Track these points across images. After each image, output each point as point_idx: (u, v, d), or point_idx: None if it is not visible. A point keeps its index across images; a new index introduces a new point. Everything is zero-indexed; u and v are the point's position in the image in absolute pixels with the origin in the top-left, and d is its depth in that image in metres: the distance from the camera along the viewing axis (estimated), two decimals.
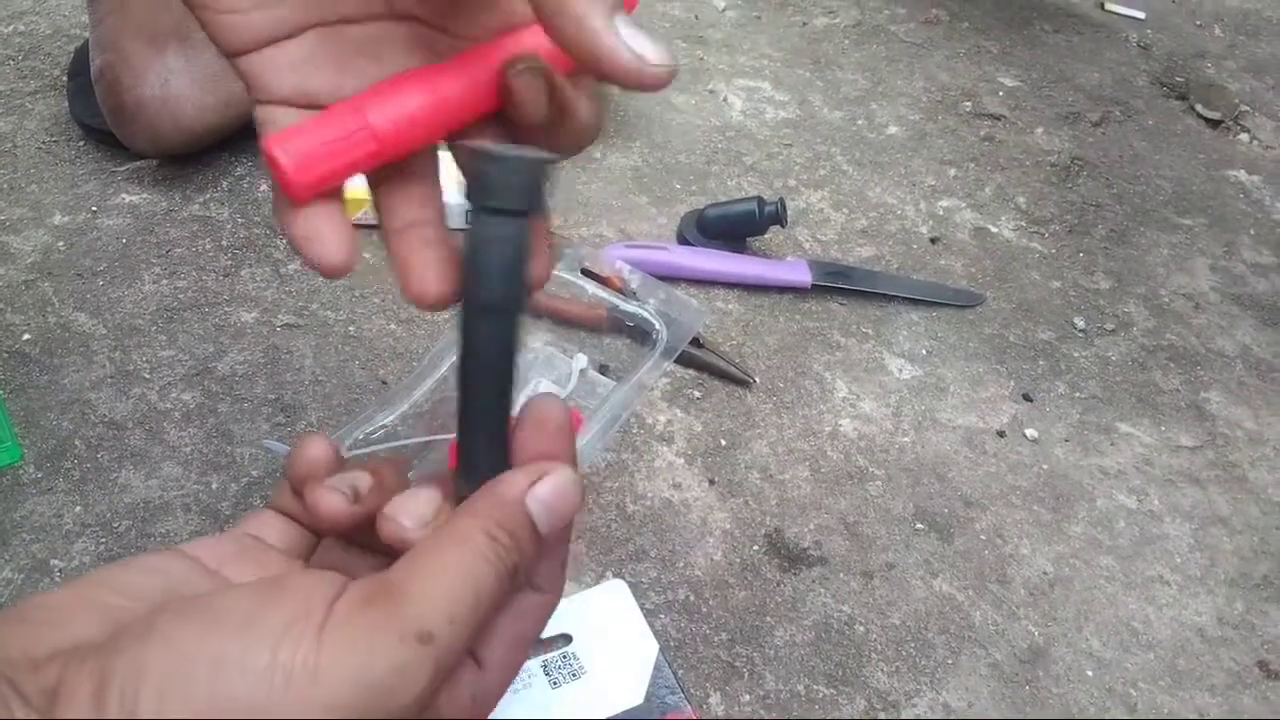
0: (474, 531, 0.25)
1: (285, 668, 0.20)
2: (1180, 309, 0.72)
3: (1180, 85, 0.96)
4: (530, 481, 0.26)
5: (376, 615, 0.22)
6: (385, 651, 0.21)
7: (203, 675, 0.20)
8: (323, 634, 0.21)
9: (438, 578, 0.23)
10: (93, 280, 0.62)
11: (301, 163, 0.28)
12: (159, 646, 0.21)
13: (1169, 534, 0.57)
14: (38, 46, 0.80)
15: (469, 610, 0.23)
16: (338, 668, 0.21)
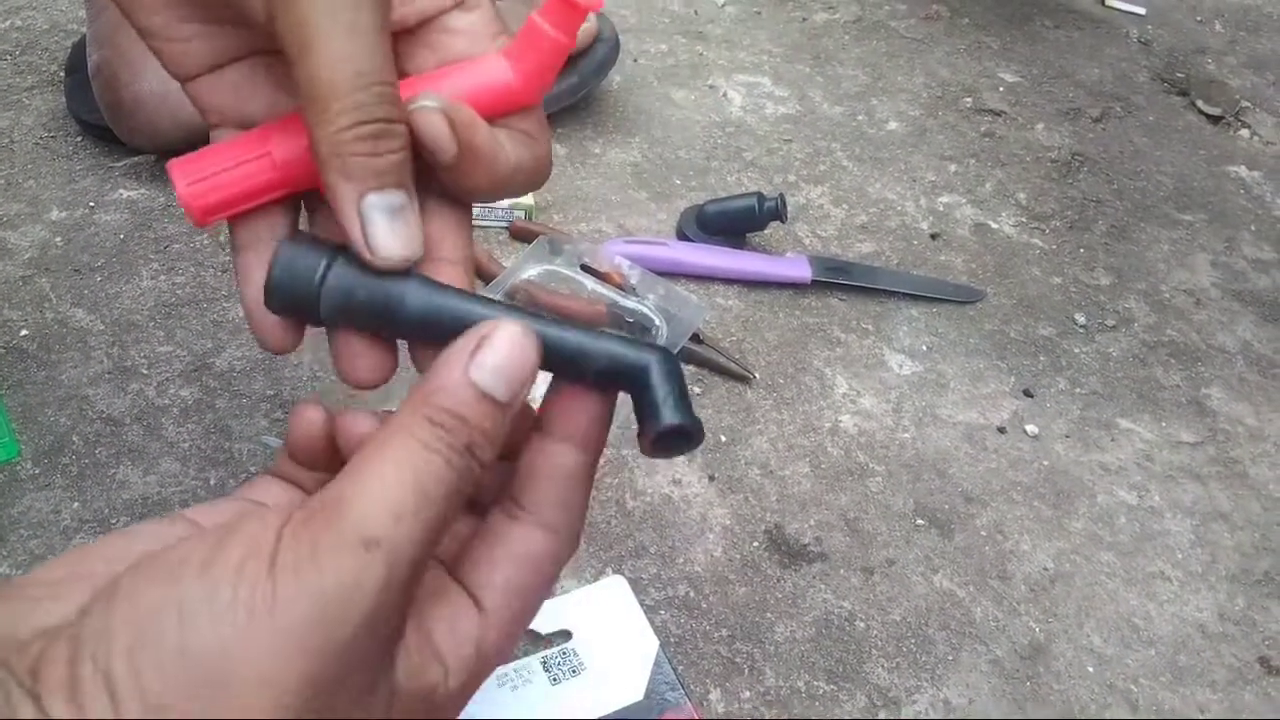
0: (412, 421, 0.23)
1: (245, 603, 0.20)
2: (1181, 305, 0.72)
3: (1181, 81, 0.96)
4: (469, 350, 0.24)
5: (318, 530, 0.21)
6: (332, 564, 0.21)
7: (169, 627, 0.20)
8: (274, 563, 0.21)
9: (377, 478, 0.22)
10: (90, 276, 0.62)
11: (198, 188, 0.29)
12: (123, 605, 0.21)
13: (1170, 530, 0.57)
14: (35, 42, 0.80)
15: (414, 506, 0.22)
16: (292, 592, 0.21)
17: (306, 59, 0.25)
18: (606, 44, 0.77)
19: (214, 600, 0.21)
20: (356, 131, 0.26)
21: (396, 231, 0.27)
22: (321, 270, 0.27)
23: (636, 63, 0.87)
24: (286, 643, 0.20)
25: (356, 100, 0.26)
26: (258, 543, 0.22)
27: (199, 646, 0.20)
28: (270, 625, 0.20)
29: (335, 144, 0.26)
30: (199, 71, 0.31)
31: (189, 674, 0.20)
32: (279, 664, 0.20)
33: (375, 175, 0.27)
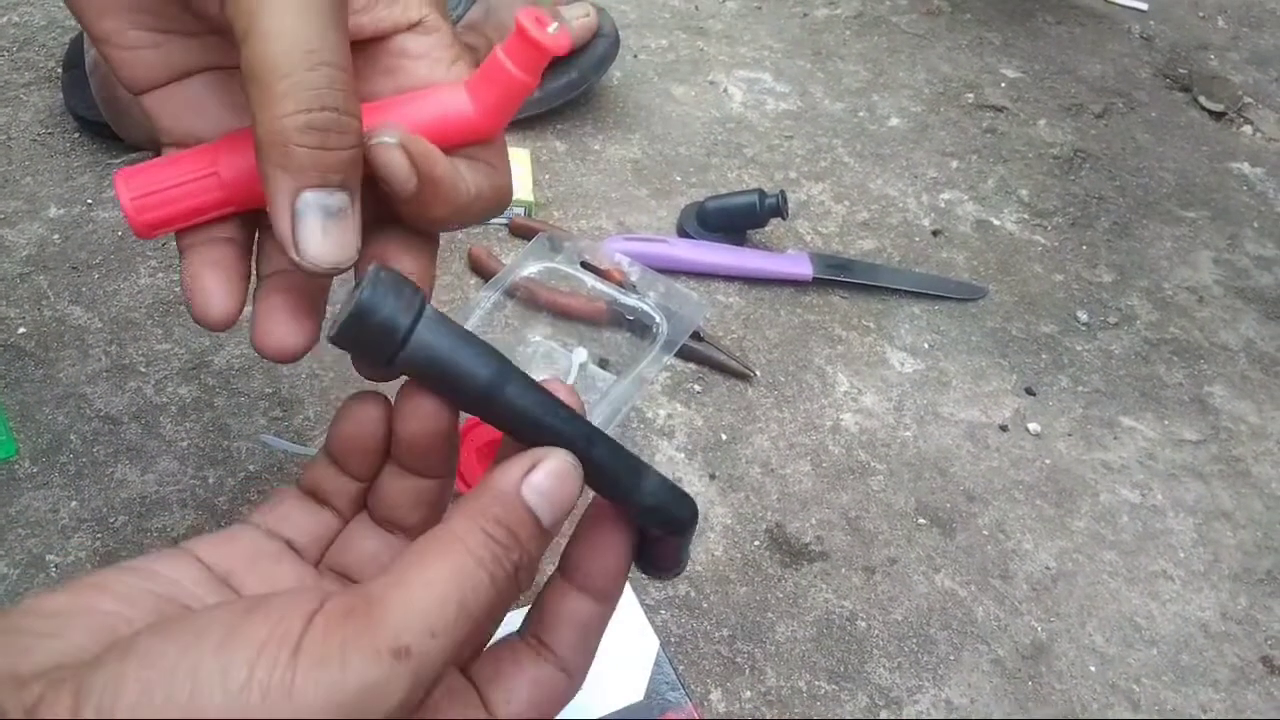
0: (468, 530, 0.23)
1: (261, 684, 0.20)
2: (1183, 302, 0.71)
3: (1183, 77, 0.95)
4: (524, 470, 0.24)
5: (351, 630, 0.21)
6: (359, 668, 0.21)
7: (180, 690, 0.20)
8: (298, 651, 0.21)
9: (420, 586, 0.22)
10: (88, 273, 0.62)
11: (143, 202, 0.28)
12: (137, 662, 0.21)
13: (1172, 529, 0.57)
14: (32, 38, 0.79)
15: (453, 621, 0.22)
16: (311, 685, 0.20)
17: (251, 39, 0.24)
18: (607, 39, 0.76)
19: (229, 675, 0.20)
20: (306, 119, 0.24)
21: (330, 235, 0.25)
22: (409, 323, 0.25)
23: (637, 58, 0.87)
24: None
25: (304, 80, 0.24)
26: (283, 625, 0.21)
27: (205, 715, 0.20)
28: (282, 711, 0.20)
29: (278, 130, 0.24)
30: (151, 85, 0.30)
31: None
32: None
33: (318, 170, 0.25)
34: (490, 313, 0.62)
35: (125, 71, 0.29)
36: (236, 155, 0.28)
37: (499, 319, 0.62)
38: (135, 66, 0.29)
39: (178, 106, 0.30)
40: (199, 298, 0.29)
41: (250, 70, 0.24)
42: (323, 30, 0.24)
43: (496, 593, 0.23)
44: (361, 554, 0.29)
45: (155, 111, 0.30)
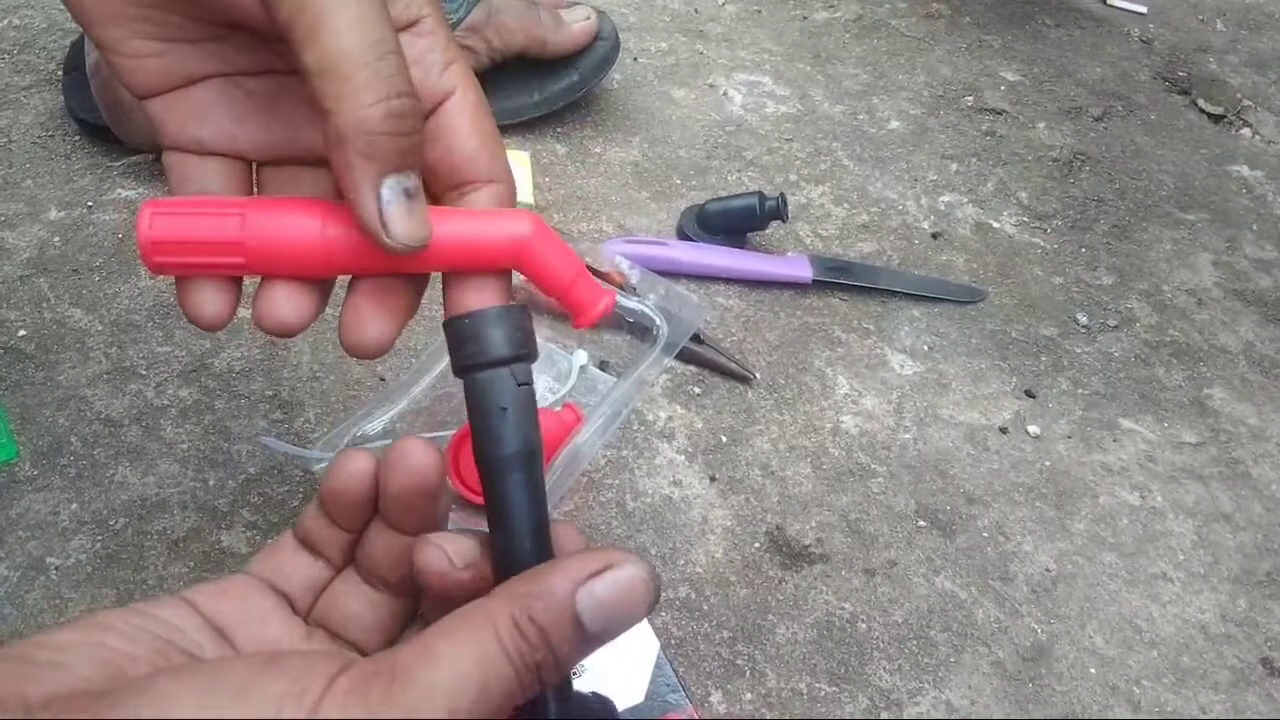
0: (500, 615, 0.22)
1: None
2: (1183, 305, 0.72)
3: (1182, 80, 0.95)
4: (587, 574, 0.23)
5: (373, 697, 0.21)
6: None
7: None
8: (317, 710, 0.20)
9: (445, 664, 0.22)
10: (89, 276, 0.62)
11: (161, 242, 0.28)
12: (154, 704, 0.21)
13: (1172, 531, 0.57)
14: (33, 40, 0.79)
15: (472, 703, 0.21)
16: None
17: (319, 36, 0.25)
18: (607, 42, 0.77)
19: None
20: (386, 108, 0.25)
21: (414, 214, 0.27)
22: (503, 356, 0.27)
23: (637, 61, 0.87)
24: None
25: (378, 70, 0.25)
26: (302, 684, 0.21)
27: None
28: None
29: (362, 121, 0.25)
30: (156, 90, 0.30)
31: None
32: None
33: (399, 155, 0.26)
34: None
35: (129, 78, 0.30)
36: (264, 226, 0.28)
37: None
38: (139, 73, 0.29)
39: (182, 112, 0.30)
40: (191, 302, 0.30)
41: (322, 67, 0.25)
42: (381, 21, 0.25)
43: (519, 685, 0.22)
44: (345, 612, 0.29)
45: (159, 116, 0.30)
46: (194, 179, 0.30)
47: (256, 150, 0.31)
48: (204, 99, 0.30)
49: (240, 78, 0.30)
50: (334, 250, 0.28)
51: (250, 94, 0.30)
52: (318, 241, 0.28)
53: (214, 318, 0.30)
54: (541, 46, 0.73)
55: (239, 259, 0.28)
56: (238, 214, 0.28)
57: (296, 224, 0.28)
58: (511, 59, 0.74)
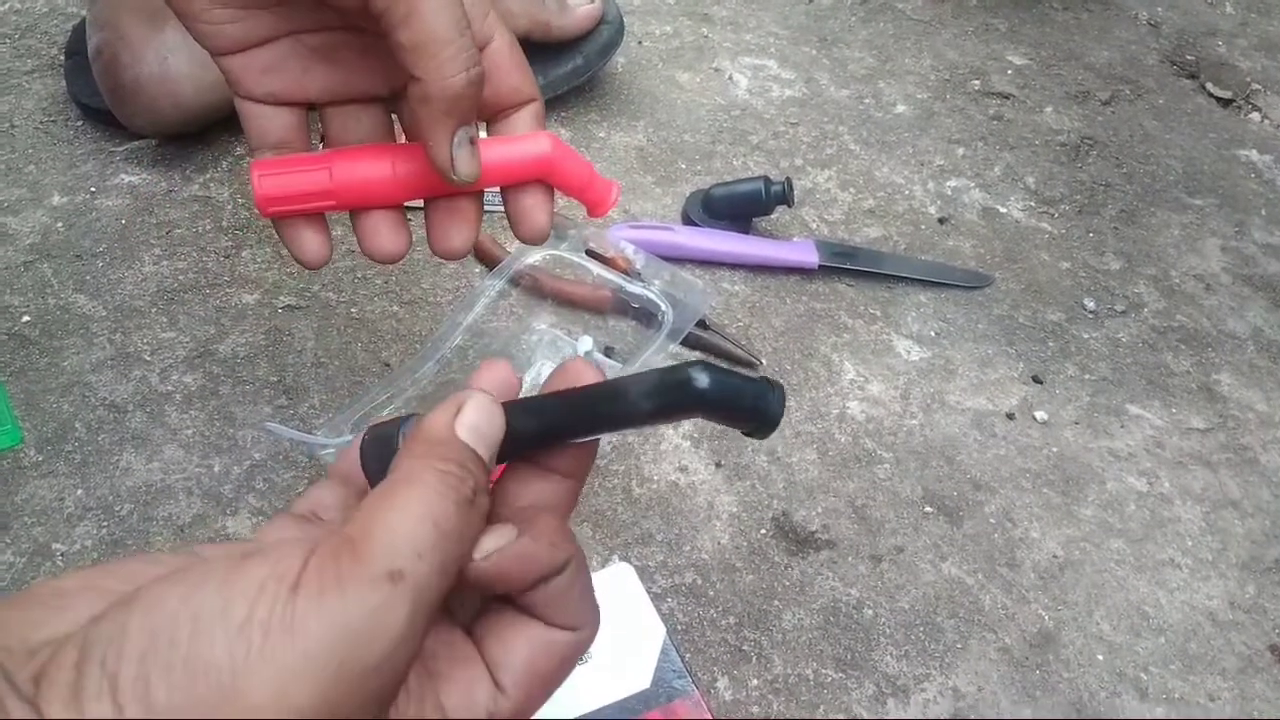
0: (420, 470, 0.24)
1: (262, 622, 0.21)
2: (1191, 290, 0.71)
3: (1191, 64, 0.94)
4: (452, 414, 0.26)
5: (345, 564, 0.22)
6: (358, 596, 0.21)
7: (182, 637, 0.20)
8: (297, 587, 0.21)
9: (396, 518, 0.23)
10: (92, 262, 0.62)
11: (270, 196, 0.36)
12: (139, 612, 0.21)
13: (1180, 517, 0.57)
14: (35, 25, 0.79)
15: (433, 542, 0.23)
16: (313, 618, 0.21)
17: (412, 21, 0.31)
18: (611, 26, 0.76)
19: (229, 615, 0.21)
20: (465, 77, 0.32)
21: (473, 156, 0.34)
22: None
23: (641, 45, 0.86)
24: (303, 667, 0.20)
25: (460, 46, 0.32)
26: (282, 565, 0.22)
27: (210, 660, 0.20)
28: (287, 648, 0.20)
29: (446, 88, 0.32)
30: (232, 49, 0.35)
31: (197, 688, 0.20)
32: (292, 687, 0.20)
33: (471, 112, 0.33)
34: (495, 300, 0.62)
35: (208, 40, 0.35)
36: (351, 175, 0.36)
37: (504, 307, 0.62)
38: (218, 37, 0.35)
39: (256, 68, 0.36)
40: (296, 246, 0.37)
41: (415, 44, 0.31)
42: (458, 4, 0.32)
43: (463, 516, 0.24)
44: None
45: (235, 71, 0.36)
46: (270, 128, 0.37)
47: (319, 96, 0.37)
48: (275, 56, 0.36)
49: (303, 35, 0.36)
50: (403, 184, 0.36)
51: (312, 49, 0.36)
52: (389, 179, 0.36)
53: (315, 255, 0.38)
54: (546, 31, 0.73)
55: (331, 202, 0.36)
56: (325, 167, 0.36)
57: (372, 169, 0.36)
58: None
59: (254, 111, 0.37)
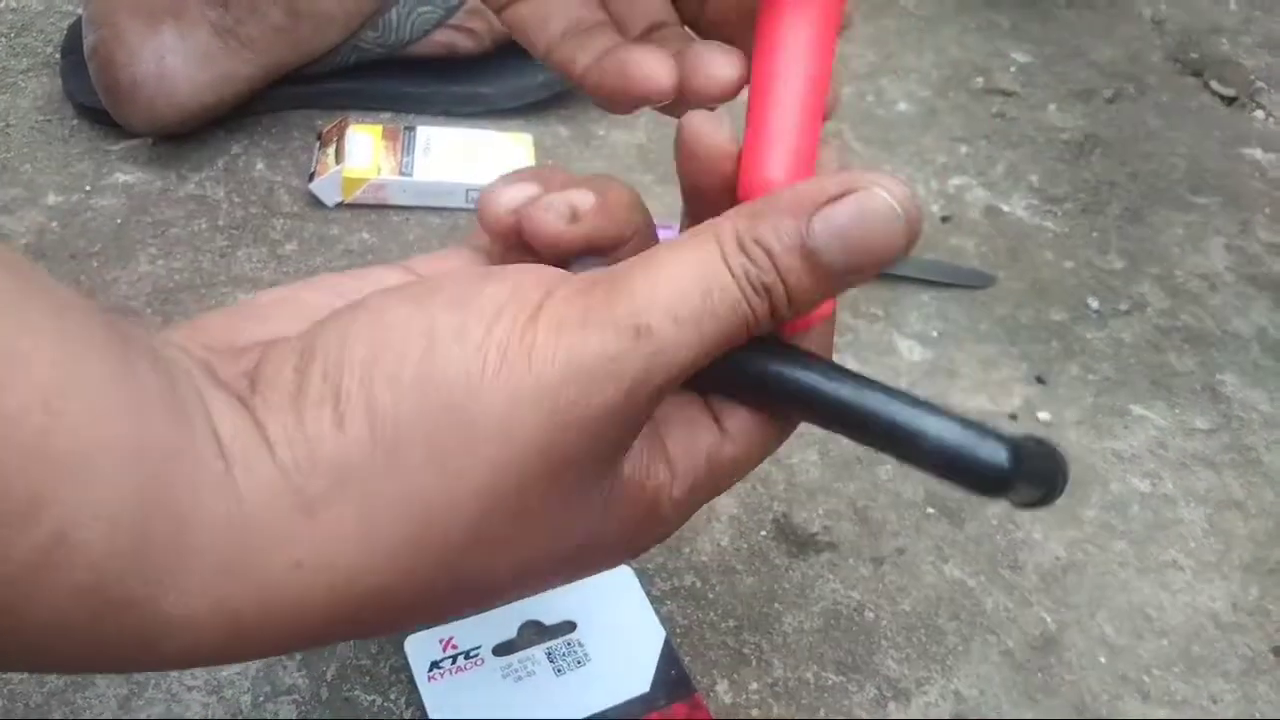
0: (724, 233, 0.21)
1: (500, 344, 0.19)
2: (1195, 289, 0.71)
3: (1195, 61, 0.94)
4: (829, 196, 0.21)
5: (593, 301, 0.20)
6: (597, 337, 0.19)
7: (413, 349, 0.19)
8: (538, 315, 0.20)
9: (668, 274, 0.20)
10: (87, 261, 0.61)
11: None
12: (366, 321, 0.20)
13: (1183, 518, 0.56)
14: (30, 23, 0.78)
15: (696, 312, 0.20)
16: (550, 348, 0.19)
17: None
18: None
19: (465, 334, 0.19)
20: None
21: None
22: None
23: None
24: (533, 397, 0.19)
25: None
26: (522, 292, 0.20)
27: (443, 376, 0.19)
28: (519, 373, 0.19)
29: None
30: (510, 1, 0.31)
31: (426, 402, 0.19)
32: (519, 414, 0.19)
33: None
34: None
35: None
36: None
37: None
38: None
39: (538, 16, 0.31)
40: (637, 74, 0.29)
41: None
42: None
43: (744, 308, 0.21)
44: None
45: (518, 25, 0.31)
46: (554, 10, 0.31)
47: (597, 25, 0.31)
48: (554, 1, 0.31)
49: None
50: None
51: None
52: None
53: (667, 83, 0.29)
54: None
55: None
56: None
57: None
58: (514, 41, 0.73)
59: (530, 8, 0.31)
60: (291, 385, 0.19)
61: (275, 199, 0.67)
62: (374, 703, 0.44)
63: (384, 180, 0.66)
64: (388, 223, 0.67)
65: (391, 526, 0.19)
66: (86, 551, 0.17)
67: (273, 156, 0.70)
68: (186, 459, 0.18)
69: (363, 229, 0.66)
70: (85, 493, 0.17)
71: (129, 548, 0.18)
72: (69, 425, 0.17)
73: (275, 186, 0.68)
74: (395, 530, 0.19)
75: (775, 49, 0.26)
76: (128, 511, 0.17)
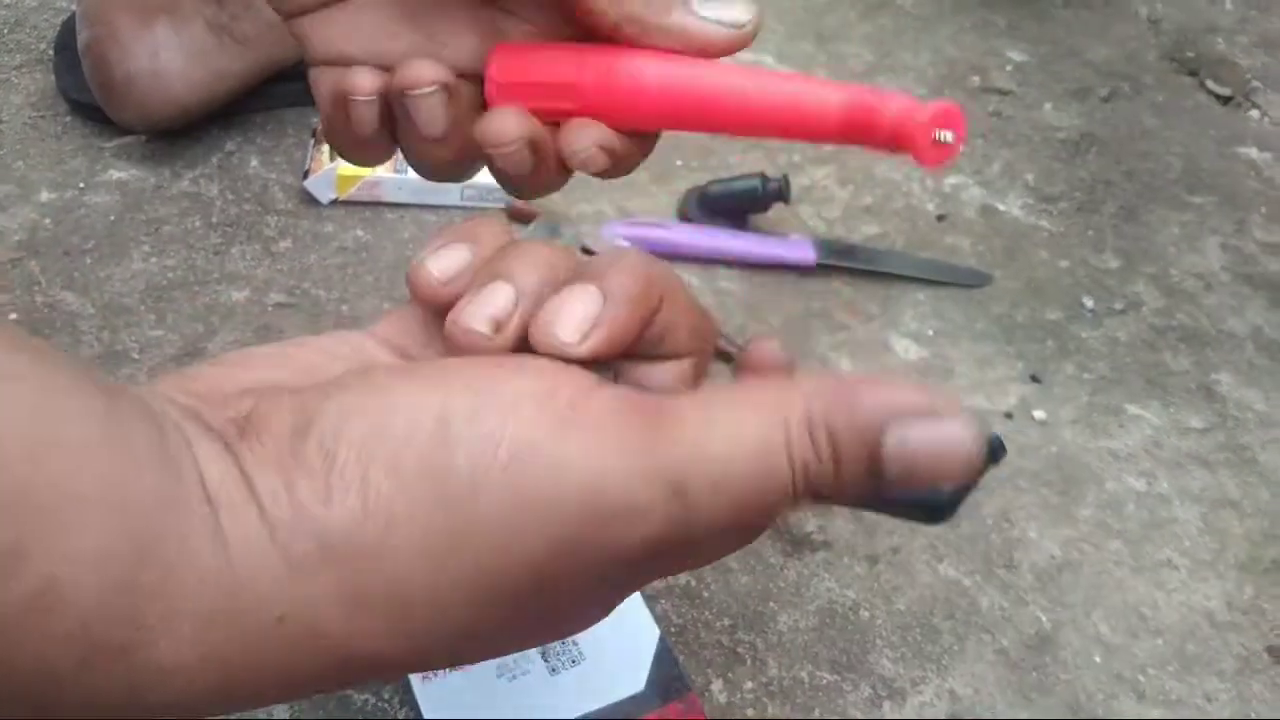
0: (795, 409, 0.19)
1: (515, 438, 0.18)
2: (1190, 289, 0.71)
3: (1191, 61, 0.94)
4: (907, 408, 0.19)
5: (638, 425, 0.18)
6: (626, 479, 0.18)
7: (420, 431, 0.18)
8: (566, 420, 0.18)
9: (722, 430, 0.19)
10: (80, 259, 0.61)
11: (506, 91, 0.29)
12: (370, 396, 0.19)
13: (1178, 517, 0.56)
14: (23, 19, 0.78)
15: (740, 491, 0.19)
16: (571, 464, 0.18)
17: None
18: None
19: (478, 419, 0.18)
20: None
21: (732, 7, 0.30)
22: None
23: None
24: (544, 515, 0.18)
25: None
26: (552, 387, 0.19)
27: (448, 463, 0.18)
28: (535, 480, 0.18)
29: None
30: (304, 10, 0.31)
31: (423, 489, 0.18)
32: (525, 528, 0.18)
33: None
34: None
35: (275, 3, 0.31)
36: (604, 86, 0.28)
37: None
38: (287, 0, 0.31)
39: (330, 29, 0.31)
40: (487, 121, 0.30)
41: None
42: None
43: (789, 491, 0.19)
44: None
45: (307, 34, 0.31)
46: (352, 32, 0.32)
47: (406, 53, 0.31)
48: (351, 16, 0.31)
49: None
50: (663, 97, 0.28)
51: (389, 9, 0.31)
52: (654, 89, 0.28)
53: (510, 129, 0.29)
54: None
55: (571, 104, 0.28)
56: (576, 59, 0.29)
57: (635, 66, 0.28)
58: None
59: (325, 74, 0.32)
60: (286, 444, 0.19)
61: (269, 196, 0.67)
62: (368, 702, 0.44)
63: (378, 177, 0.65)
64: (382, 220, 0.66)
65: (374, 603, 0.19)
66: (75, 599, 0.17)
67: (267, 154, 0.69)
68: (174, 507, 0.18)
69: (357, 226, 0.65)
70: (72, 541, 0.17)
71: (117, 596, 0.17)
72: (54, 473, 0.17)
73: (269, 184, 0.68)
74: (378, 607, 0.19)
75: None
76: (116, 559, 0.17)
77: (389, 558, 0.18)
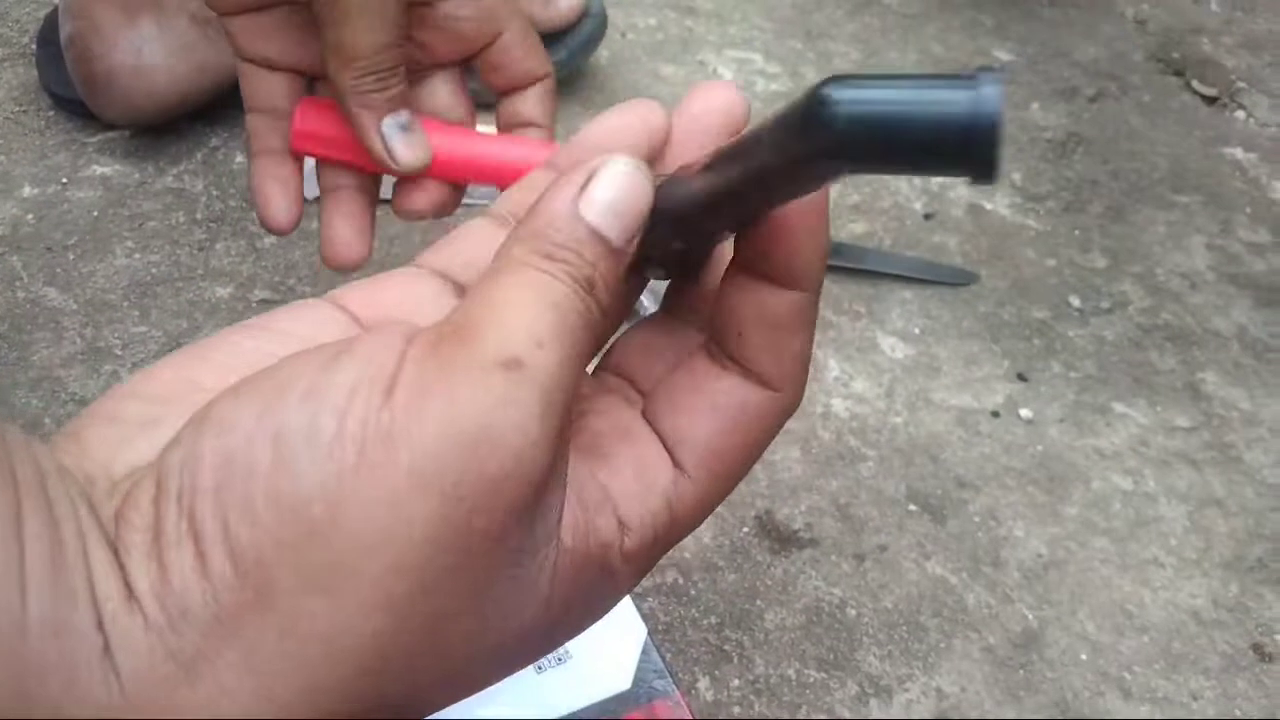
0: (526, 255, 0.19)
1: (354, 436, 0.17)
2: (1176, 288, 0.71)
3: (1176, 61, 0.94)
4: (579, 186, 0.20)
5: (449, 354, 0.17)
6: (467, 390, 0.17)
7: (263, 462, 0.17)
8: (393, 391, 0.17)
9: (509, 303, 0.18)
10: (63, 254, 0.61)
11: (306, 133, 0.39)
12: (212, 435, 0.17)
13: (1164, 516, 0.57)
14: (5, 13, 0.77)
15: (554, 330, 0.18)
16: (415, 423, 0.17)
17: (341, 29, 0.35)
18: (594, 19, 0.75)
19: (315, 433, 0.17)
20: (370, 75, 0.36)
21: (411, 144, 0.37)
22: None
23: (625, 38, 0.85)
24: (416, 486, 0.17)
25: (374, 62, 0.36)
26: (372, 369, 0.17)
27: (295, 491, 0.17)
28: (386, 461, 0.17)
29: (355, 85, 0.36)
30: (236, 10, 0.38)
31: (283, 525, 0.17)
32: (397, 512, 0.17)
33: (387, 103, 0.36)
34: None
35: (211, 1, 0.38)
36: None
37: None
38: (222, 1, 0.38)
39: (254, 31, 0.38)
40: (261, 201, 0.41)
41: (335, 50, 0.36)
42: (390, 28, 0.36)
43: (584, 306, 0.19)
44: None
45: (235, 31, 0.38)
46: (262, 91, 0.40)
47: (312, 67, 0.39)
48: (272, 22, 0.38)
49: (301, 6, 0.37)
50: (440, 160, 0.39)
51: (308, 19, 0.37)
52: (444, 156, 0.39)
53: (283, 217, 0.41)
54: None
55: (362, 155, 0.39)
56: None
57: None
58: None
59: (249, 72, 0.39)
60: (149, 524, 0.17)
61: None
62: None
63: None
64: None
65: (281, 669, 0.17)
66: None
67: None
68: (65, 638, 0.16)
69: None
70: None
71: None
72: None
73: None
74: (287, 672, 0.17)
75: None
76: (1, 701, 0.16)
77: (280, 611, 0.17)
